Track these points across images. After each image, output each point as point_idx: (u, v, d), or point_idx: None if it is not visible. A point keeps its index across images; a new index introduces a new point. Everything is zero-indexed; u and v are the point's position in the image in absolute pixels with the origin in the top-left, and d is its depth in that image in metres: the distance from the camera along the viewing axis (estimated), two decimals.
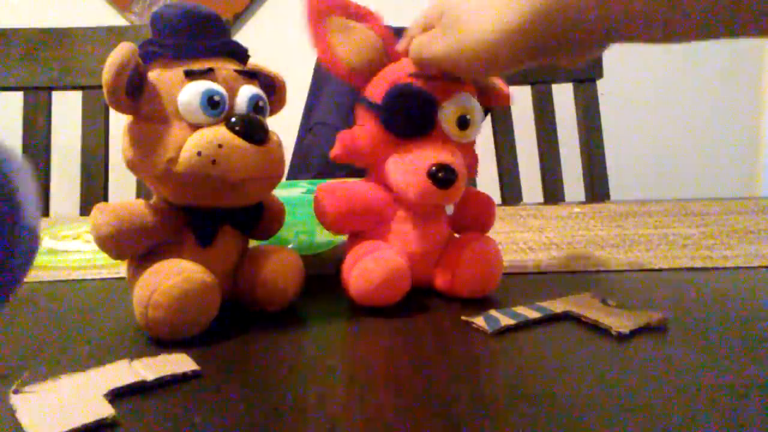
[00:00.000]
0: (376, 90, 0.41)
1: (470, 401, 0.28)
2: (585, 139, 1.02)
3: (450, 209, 0.43)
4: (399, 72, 0.41)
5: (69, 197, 0.96)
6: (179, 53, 0.36)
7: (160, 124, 0.35)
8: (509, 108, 1.01)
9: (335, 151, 0.42)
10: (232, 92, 0.37)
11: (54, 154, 0.94)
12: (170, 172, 0.35)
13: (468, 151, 0.42)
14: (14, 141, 0.95)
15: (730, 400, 0.27)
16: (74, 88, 0.93)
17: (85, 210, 0.90)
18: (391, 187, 0.41)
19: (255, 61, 0.41)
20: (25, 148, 0.92)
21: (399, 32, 0.43)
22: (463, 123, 0.41)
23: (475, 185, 0.80)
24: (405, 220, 0.41)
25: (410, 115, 0.40)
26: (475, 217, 0.45)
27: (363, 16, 0.41)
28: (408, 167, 0.39)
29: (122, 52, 0.34)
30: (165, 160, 0.35)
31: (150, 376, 0.29)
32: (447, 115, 0.40)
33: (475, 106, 0.41)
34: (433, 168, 0.38)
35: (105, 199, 0.92)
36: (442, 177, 0.38)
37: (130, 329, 0.37)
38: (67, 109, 0.97)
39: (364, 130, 0.42)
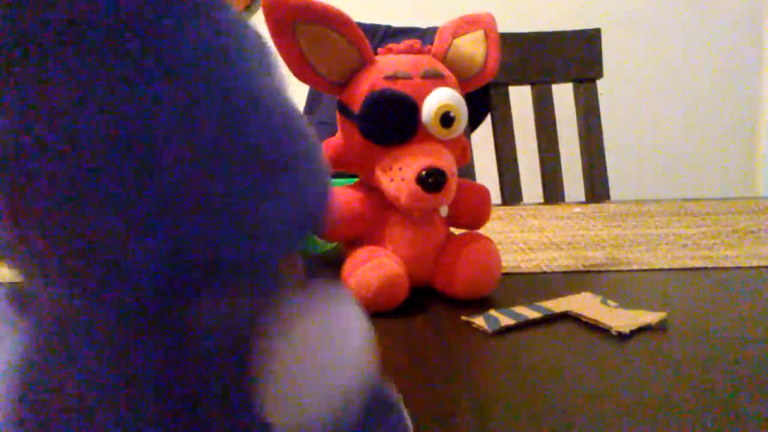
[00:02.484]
0: (353, 97, 0.39)
1: (470, 401, 0.28)
2: (585, 139, 1.02)
3: (444, 210, 0.42)
4: (375, 76, 0.39)
5: None
6: None
7: None
8: (509, 108, 1.01)
9: None
10: None
11: None
12: None
13: (456, 144, 0.41)
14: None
15: (730, 400, 0.27)
16: None
17: None
18: (382, 192, 0.41)
19: None
20: None
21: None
22: (447, 120, 0.39)
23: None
24: (399, 224, 0.41)
25: (390, 122, 0.39)
26: (470, 209, 0.44)
27: (331, 18, 0.38)
28: (396, 175, 0.38)
29: None
30: None
31: None
32: (429, 114, 0.39)
33: (457, 99, 0.40)
34: (422, 173, 0.37)
35: None
36: (431, 182, 0.37)
37: None
38: None
39: (347, 139, 0.41)
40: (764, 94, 1.65)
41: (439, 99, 0.39)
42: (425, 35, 1.04)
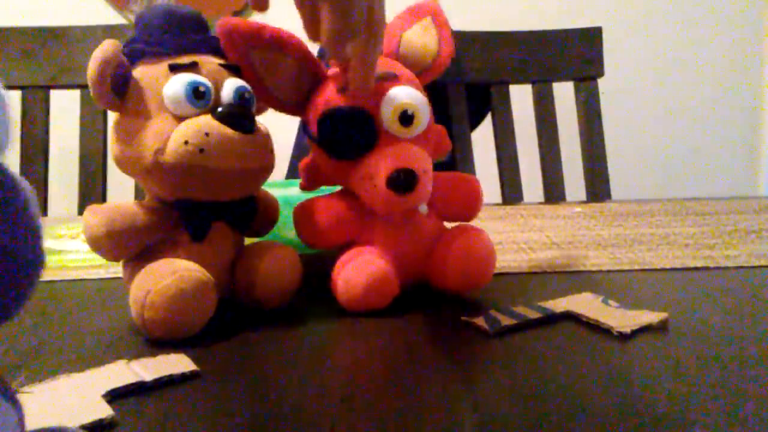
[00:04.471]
0: (311, 119, 0.40)
1: (471, 401, 0.27)
2: (586, 138, 1.02)
3: (423, 208, 0.41)
4: (328, 91, 0.39)
5: (67, 196, 0.96)
6: (163, 50, 0.37)
7: (146, 118, 0.36)
8: (510, 107, 1.01)
9: (302, 183, 0.43)
10: (218, 84, 0.37)
11: (52, 153, 0.94)
12: (158, 163, 0.35)
13: (425, 138, 0.41)
14: (12, 140, 0.95)
15: (731, 400, 0.27)
16: (72, 87, 0.93)
17: (83, 209, 0.90)
18: None
19: None
20: (23, 147, 0.92)
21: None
22: (407, 119, 0.39)
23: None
24: (383, 228, 0.41)
25: (348, 137, 0.39)
26: (458, 201, 0.44)
27: (282, 43, 0.39)
28: (368, 183, 0.38)
29: (105, 47, 0.34)
30: (152, 151, 0.35)
31: (148, 376, 0.29)
32: (387, 117, 0.38)
33: (414, 96, 0.39)
34: (392, 176, 0.37)
35: (103, 198, 0.91)
36: (401, 182, 0.37)
37: (128, 329, 0.36)
38: (65, 108, 0.97)
39: (317, 158, 0.41)
40: (766, 93, 1.64)
41: (394, 100, 0.39)
42: None
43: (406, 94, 0.39)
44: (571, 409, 0.27)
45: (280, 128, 0.40)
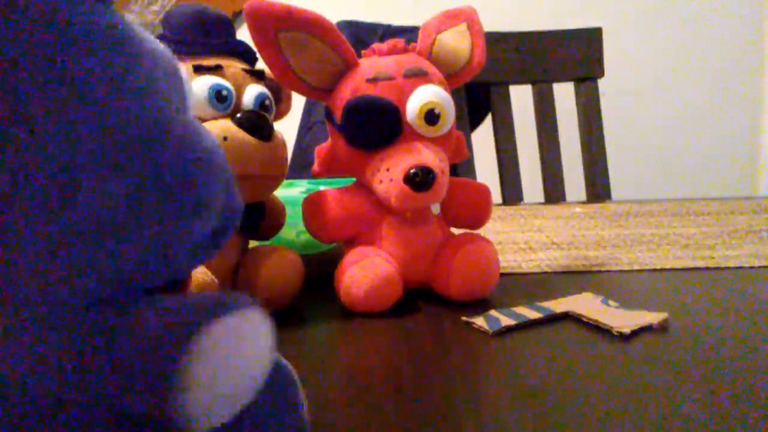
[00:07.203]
0: (336, 105, 0.40)
1: (471, 401, 0.27)
2: (586, 139, 1.02)
3: (436, 208, 0.41)
4: (357, 79, 0.39)
5: None
6: (189, 50, 0.37)
7: None
8: (510, 107, 1.01)
9: (315, 169, 0.43)
10: (240, 89, 0.37)
11: None
12: None
13: (446, 140, 0.41)
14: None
15: (731, 401, 0.27)
16: None
17: None
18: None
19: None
20: None
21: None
22: (432, 117, 0.39)
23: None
24: (394, 224, 0.41)
25: (372, 128, 0.39)
26: (469, 208, 0.44)
27: (311, 24, 0.38)
28: (384, 176, 0.38)
29: None
30: None
31: None
32: (413, 113, 0.39)
33: (441, 96, 0.39)
34: (410, 172, 0.37)
35: None
36: (419, 180, 0.37)
37: None
38: None
39: (335, 145, 0.41)
40: (766, 94, 1.64)
41: (422, 97, 0.39)
42: None
43: (435, 93, 0.39)
44: (570, 409, 0.27)
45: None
